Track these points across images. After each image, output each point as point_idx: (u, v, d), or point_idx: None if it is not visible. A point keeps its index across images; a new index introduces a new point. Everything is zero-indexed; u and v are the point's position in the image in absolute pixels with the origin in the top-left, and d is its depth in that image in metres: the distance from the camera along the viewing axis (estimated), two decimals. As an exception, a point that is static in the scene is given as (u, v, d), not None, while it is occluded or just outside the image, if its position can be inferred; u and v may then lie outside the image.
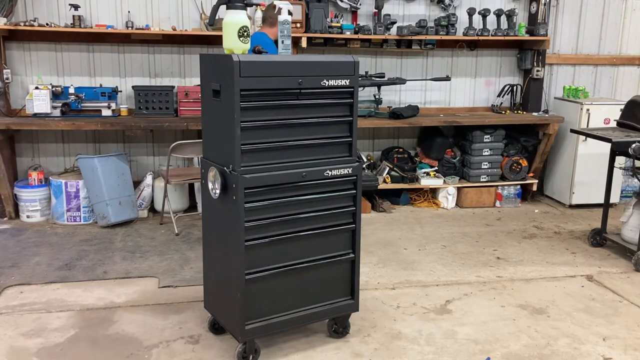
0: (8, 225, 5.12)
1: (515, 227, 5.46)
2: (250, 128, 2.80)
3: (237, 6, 2.84)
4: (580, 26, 6.45)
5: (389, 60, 6.13)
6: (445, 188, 5.97)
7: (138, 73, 5.58)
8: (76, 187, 5.13)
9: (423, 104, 6.25)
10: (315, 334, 3.35)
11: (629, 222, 4.70)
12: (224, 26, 2.85)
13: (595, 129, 5.08)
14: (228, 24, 2.84)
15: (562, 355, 3.24)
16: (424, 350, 3.24)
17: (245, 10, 2.85)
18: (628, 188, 6.28)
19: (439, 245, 4.89)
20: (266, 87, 2.79)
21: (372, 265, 4.42)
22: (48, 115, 5.17)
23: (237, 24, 2.82)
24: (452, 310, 3.73)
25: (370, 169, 5.88)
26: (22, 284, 3.93)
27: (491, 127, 5.99)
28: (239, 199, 2.79)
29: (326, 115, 3.01)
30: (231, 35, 2.82)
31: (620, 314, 3.76)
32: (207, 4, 5.54)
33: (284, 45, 2.93)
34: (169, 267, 4.26)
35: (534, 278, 4.27)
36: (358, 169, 3.12)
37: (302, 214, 3.01)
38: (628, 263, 4.57)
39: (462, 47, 6.20)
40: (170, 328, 3.39)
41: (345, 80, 2.99)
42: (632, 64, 6.66)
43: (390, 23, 5.74)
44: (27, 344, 3.20)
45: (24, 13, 5.27)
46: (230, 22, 2.83)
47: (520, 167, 6.05)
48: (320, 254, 3.12)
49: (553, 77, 6.50)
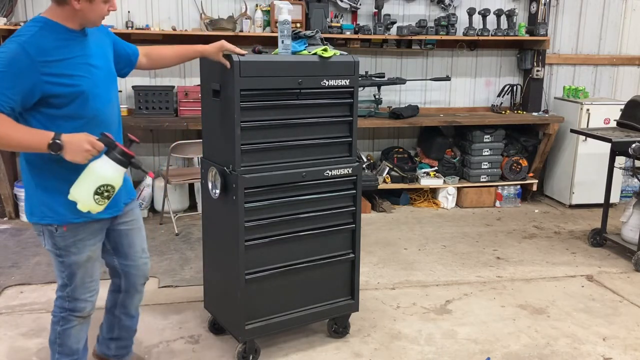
0: (8, 225, 5.12)
1: (515, 227, 5.46)
2: (250, 128, 2.80)
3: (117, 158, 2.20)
4: (580, 26, 6.45)
5: (389, 60, 6.13)
6: (445, 188, 5.97)
7: (138, 73, 5.57)
8: (76, 187, 5.13)
9: (423, 104, 6.25)
10: (315, 334, 3.35)
11: (629, 222, 4.70)
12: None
13: (595, 129, 5.09)
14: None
15: (562, 355, 3.24)
16: (424, 350, 3.24)
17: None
18: (628, 188, 6.27)
19: (439, 245, 4.89)
20: (266, 87, 2.80)
21: (372, 265, 4.42)
22: (48, 115, 5.16)
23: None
24: (452, 310, 3.73)
25: (370, 169, 5.88)
26: (22, 284, 3.93)
27: (491, 127, 5.99)
28: (239, 199, 2.79)
29: (326, 115, 3.01)
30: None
31: (620, 314, 3.76)
32: (207, 4, 5.54)
33: (284, 45, 2.92)
34: (169, 267, 4.26)
35: (534, 278, 4.27)
36: (358, 169, 3.12)
37: (302, 214, 3.01)
38: (628, 263, 4.57)
39: (462, 47, 6.20)
40: (170, 328, 3.39)
41: (345, 80, 2.99)
42: (632, 64, 6.65)
43: (390, 23, 5.74)
44: (27, 344, 3.20)
45: (24, 13, 5.27)
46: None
47: (520, 167, 6.05)
48: (320, 254, 3.12)
49: (553, 77, 6.50)
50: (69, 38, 2.22)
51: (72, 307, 2.47)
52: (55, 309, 2.52)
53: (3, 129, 2.10)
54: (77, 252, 2.38)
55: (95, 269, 2.48)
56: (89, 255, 2.42)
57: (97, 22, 2.27)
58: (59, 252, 2.37)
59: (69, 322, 2.50)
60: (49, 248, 2.39)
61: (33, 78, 2.11)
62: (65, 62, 2.18)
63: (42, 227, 2.35)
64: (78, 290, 2.45)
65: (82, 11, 2.18)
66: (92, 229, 2.40)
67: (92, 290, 2.49)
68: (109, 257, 2.63)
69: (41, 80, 2.12)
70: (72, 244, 2.36)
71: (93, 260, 2.45)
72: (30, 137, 2.14)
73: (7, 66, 2.09)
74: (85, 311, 2.50)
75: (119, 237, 2.58)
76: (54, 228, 2.32)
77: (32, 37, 2.13)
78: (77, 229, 2.35)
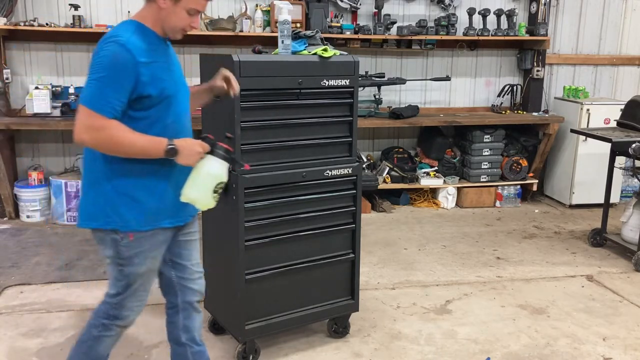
0: (8, 225, 5.12)
1: (515, 227, 5.46)
2: (250, 128, 2.80)
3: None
4: (580, 26, 6.45)
5: (389, 60, 6.13)
6: (445, 188, 5.97)
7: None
8: (76, 187, 5.13)
9: (423, 104, 6.25)
10: (315, 334, 3.34)
11: (629, 222, 4.70)
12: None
13: (595, 129, 5.09)
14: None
15: (562, 355, 3.24)
16: (424, 350, 3.24)
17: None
18: (628, 188, 6.27)
19: (439, 245, 4.89)
20: (266, 87, 2.80)
21: (372, 265, 4.42)
22: (48, 115, 5.16)
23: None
24: (452, 310, 3.73)
25: (370, 169, 5.88)
26: (22, 284, 3.93)
27: (491, 127, 5.99)
28: (239, 199, 2.79)
29: (326, 115, 3.01)
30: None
31: (620, 314, 3.76)
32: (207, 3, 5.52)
33: (284, 45, 2.92)
34: (169, 267, 4.25)
35: (534, 278, 4.27)
36: (358, 169, 3.12)
37: (302, 214, 3.01)
38: (628, 263, 4.57)
39: (462, 47, 6.20)
40: (170, 328, 3.39)
41: (345, 80, 2.99)
42: (632, 64, 6.65)
43: (390, 23, 5.74)
44: (27, 344, 3.20)
45: (24, 13, 5.27)
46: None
47: (520, 167, 6.05)
48: (320, 254, 3.12)
49: (553, 77, 6.50)
50: (157, 43, 2.23)
51: (117, 314, 2.38)
52: (98, 312, 2.41)
53: (127, 136, 2.11)
54: (139, 263, 2.30)
55: (151, 280, 2.41)
56: (150, 267, 2.35)
57: (176, 30, 2.26)
58: (121, 261, 2.29)
59: (108, 330, 2.40)
60: (110, 255, 2.30)
61: (134, 77, 2.10)
62: (155, 65, 2.18)
63: (104, 235, 2.26)
64: (129, 299, 2.36)
65: (166, 11, 2.19)
66: (157, 240, 2.33)
67: (141, 300, 2.41)
68: (167, 269, 2.49)
69: (139, 80, 2.12)
70: (135, 254, 2.28)
71: (152, 272, 2.39)
72: (150, 143, 2.15)
73: (113, 68, 2.08)
74: (128, 320, 2.41)
75: (179, 248, 2.48)
76: (120, 236, 2.25)
77: (130, 37, 2.12)
78: (142, 239, 2.28)
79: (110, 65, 2.08)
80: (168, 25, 2.23)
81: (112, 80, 2.08)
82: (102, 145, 2.13)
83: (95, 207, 2.26)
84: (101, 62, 2.10)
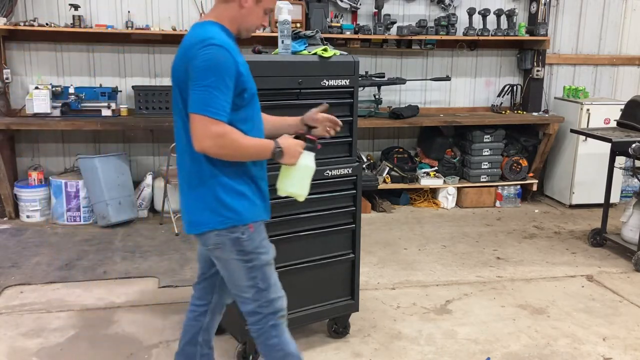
0: (8, 225, 5.12)
1: (515, 227, 5.46)
2: (250, 128, 2.80)
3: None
4: (580, 26, 6.45)
5: (389, 60, 6.13)
6: (445, 188, 5.97)
7: (138, 73, 5.58)
8: (76, 187, 5.13)
9: (423, 104, 6.25)
10: (315, 334, 3.34)
11: (629, 222, 4.70)
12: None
13: (595, 129, 5.09)
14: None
15: (562, 355, 3.24)
16: (424, 350, 3.24)
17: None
18: (628, 188, 6.27)
19: (439, 245, 4.89)
20: (266, 87, 2.79)
21: (372, 265, 4.42)
22: (48, 115, 5.16)
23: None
24: (452, 310, 3.73)
25: (370, 169, 5.88)
26: (22, 284, 3.93)
27: (491, 127, 5.99)
28: (239, 199, 2.78)
29: (326, 115, 3.00)
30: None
31: (620, 314, 3.76)
32: (207, 4, 5.54)
33: (284, 45, 2.92)
34: (169, 267, 4.26)
35: (534, 278, 4.27)
36: (358, 169, 3.12)
37: (302, 214, 3.01)
38: (628, 263, 4.57)
39: (462, 47, 6.20)
40: (170, 328, 3.39)
41: (345, 80, 2.99)
42: (632, 64, 6.65)
43: (390, 23, 5.74)
44: (27, 344, 3.20)
45: (24, 13, 5.27)
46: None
47: (520, 167, 6.05)
48: (320, 254, 3.12)
49: (553, 77, 6.50)
50: (234, 43, 2.22)
51: (273, 309, 2.32)
52: (257, 324, 2.33)
53: (244, 140, 2.13)
54: (265, 251, 2.30)
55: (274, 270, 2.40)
56: (273, 255, 2.35)
57: (251, 30, 2.26)
58: (248, 257, 2.24)
59: (278, 327, 2.35)
60: (233, 258, 2.25)
61: (236, 77, 2.11)
62: (244, 64, 2.19)
63: (221, 237, 2.22)
64: (272, 289, 2.32)
65: (247, 10, 2.19)
66: (264, 231, 2.35)
67: (279, 286, 2.38)
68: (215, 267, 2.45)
69: (239, 80, 2.13)
70: (259, 245, 2.27)
71: (274, 261, 2.38)
72: (261, 146, 2.19)
73: (218, 71, 2.05)
74: (285, 305, 2.37)
75: None
76: (240, 232, 2.22)
77: (225, 38, 2.12)
78: (259, 228, 2.29)
79: (215, 68, 2.05)
80: (246, 24, 2.23)
81: (220, 84, 2.06)
82: (224, 151, 2.11)
83: (205, 209, 2.22)
84: (206, 67, 2.06)
